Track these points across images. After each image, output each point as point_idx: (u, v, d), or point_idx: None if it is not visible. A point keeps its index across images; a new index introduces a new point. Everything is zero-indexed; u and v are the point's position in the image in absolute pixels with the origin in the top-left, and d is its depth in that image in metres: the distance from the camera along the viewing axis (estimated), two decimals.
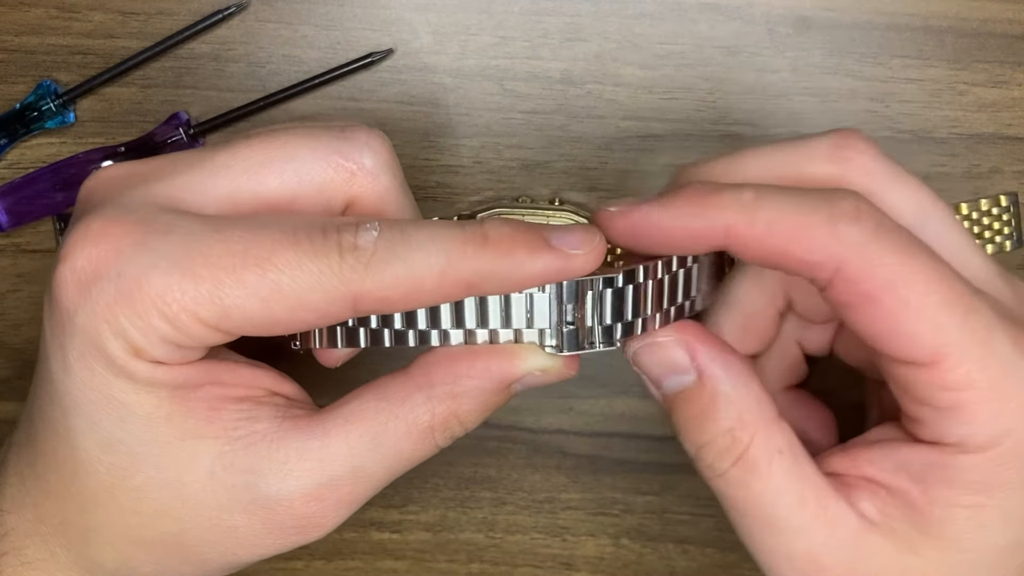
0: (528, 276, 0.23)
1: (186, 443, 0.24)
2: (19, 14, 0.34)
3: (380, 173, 0.25)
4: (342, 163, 0.25)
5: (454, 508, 0.37)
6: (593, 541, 0.37)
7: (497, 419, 0.36)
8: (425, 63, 0.35)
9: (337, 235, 0.22)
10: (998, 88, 0.35)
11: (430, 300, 0.23)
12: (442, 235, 0.23)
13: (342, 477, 0.24)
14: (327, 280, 0.22)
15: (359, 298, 0.22)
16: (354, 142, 0.25)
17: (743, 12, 0.34)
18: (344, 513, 0.25)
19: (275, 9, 0.34)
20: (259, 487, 0.24)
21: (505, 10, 0.34)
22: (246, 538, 0.24)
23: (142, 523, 0.24)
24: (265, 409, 0.24)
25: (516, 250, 0.23)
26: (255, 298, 0.22)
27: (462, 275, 0.22)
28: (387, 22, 0.34)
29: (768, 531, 0.24)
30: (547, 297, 0.24)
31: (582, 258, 0.23)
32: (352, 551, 0.37)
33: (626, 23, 0.35)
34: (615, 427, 0.36)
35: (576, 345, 0.24)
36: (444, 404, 0.25)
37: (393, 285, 0.22)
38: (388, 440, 0.24)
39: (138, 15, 0.34)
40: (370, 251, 0.22)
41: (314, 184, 0.24)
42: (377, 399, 0.24)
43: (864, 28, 0.35)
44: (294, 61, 0.34)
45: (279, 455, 0.24)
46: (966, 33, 0.35)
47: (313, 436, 0.24)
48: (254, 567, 0.36)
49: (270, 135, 0.25)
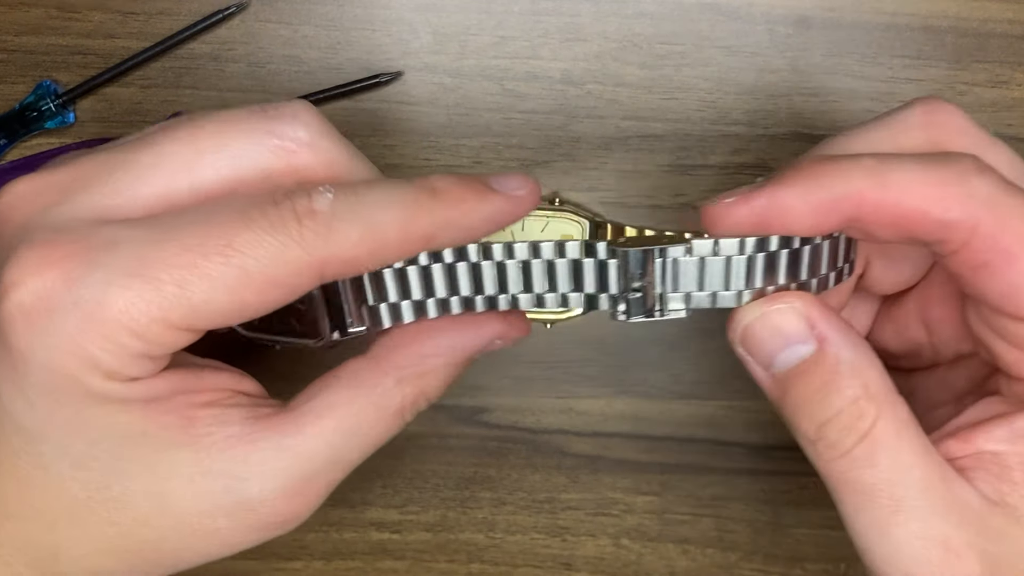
0: (481, 221, 0.23)
1: (163, 455, 0.23)
2: (19, 14, 0.34)
3: (318, 142, 0.24)
4: (277, 143, 0.24)
5: (454, 508, 0.37)
6: (593, 541, 0.37)
7: (497, 419, 0.36)
8: (425, 63, 0.35)
9: (290, 202, 0.22)
10: (998, 88, 0.35)
11: (394, 257, 0.23)
12: (396, 191, 0.23)
13: (320, 470, 0.24)
14: (291, 251, 0.22)
15: (326, 264, 0.22)
16: (282, 118, 0.24)
17: (743, 12, 0.34)
18: (321, 500, 0.25)
19: (275, 9, 0.34)
20: (240, 490, 0.23)
21: (505, 10, 0.34)
22: (228, 538, 0.24)
23: (120, 533, 0.24)
24: (234, 411, 0.24)
25: (466, 197, 0.23)
26: (222, 288, 0.21)
27: (421, 227, 0.23)
28: (387, 22, 0.34)
29: (894, 515, 0.23)
30: (616, 264, 0.24)
31: (525, 198, 0.24)
32: (352, 551, 0.37)
33: (626, 23, 0.35)
34: (615, 427, 0.37)
35: (644, 312, 0.24)
36: (412, 385, 0.25)
37: (357, 245, 0.22)
38: (362, 428, 0.24)
39: (138, 15, 0.34)
40: (329, 214, 0.22)
41: (254, 170, 0.24)
42: (348, 388, 0.24)
43: (864, 28, 0.35)
44: (294, 61, 0.34)
45: (256, 456, 0.23)
46: (966, 33, 0.35)
47: (287, 434, 0.24)
48: (254, 568, 0.36)
49: (195, 127, 0.24)
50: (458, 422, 0.36)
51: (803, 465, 0.37)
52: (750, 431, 0.37)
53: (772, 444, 0.37)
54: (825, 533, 0.37)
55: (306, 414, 0.24)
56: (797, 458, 0.37)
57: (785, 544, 0.37)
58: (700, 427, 0.37)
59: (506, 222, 0.24)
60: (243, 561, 0.36)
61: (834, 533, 0.37)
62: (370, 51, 0.34)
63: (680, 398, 0.36)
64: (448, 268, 0.24)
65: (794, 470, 0.37)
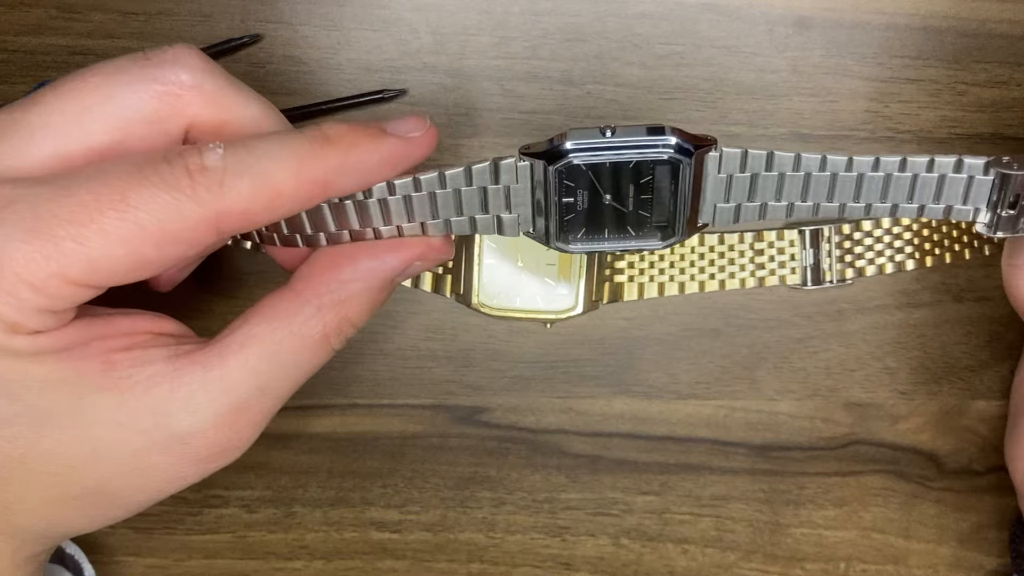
0: (376, 164, 0.24)
1: (86, 400, 0.23)
2: (19, 14, 0.34)
3: (203, 83, 0.24)
4: (160, 89, 0.24)
5: (454, 508, 0.37)
6: (593, 541, 0.37)
7: (497, 419, 0.36)
8: (425, 63, 0.35)
9: (182, 160, 0.22)
10: (997, 88, 0.35)
11: (289, 207, 0.23)
12: (287, 141, 0.23)
13: (248, 400, 0.24)
14: (185, 206, 0.22)
15: (221, 217, 0.22)
16: (163, 63, 0.24)
17: (743, 12, 0.34)
18: (257, 430, 0.25)
19: (275, 9, 0.34)
20: (170, 425, 0.24)
21: (505, 10, 0.34)
22: (168, 473, 0.24)
23: (60, 482, 0.24)
24: (155, 351, 0.24)
25: (359, 142, 0.23)
26: (119, 243, 0.22)
27: (316, 175, 0.23)
28: (387, 22, 0.34)
29: None
30: (989, 180, 0.25)
31: (421, 140, 0.24)
32: (352, 551, 0.37)
33: (626, 23, 0.35)
34: (615, 427, 0.37)
35: (1013, 229, 0.25)
36: (333, 312, 0.25)
37: (252, 198, 0.22)
38: (286, 356, 0.25)
39: (138, 15, 0.34)
40: (220, 169, 0.22)
41: (142, 119, 0.24)
42: (268, 319, 0.25)
43: (864, 28, 0.35)
44: (294, 61, 0.34)
45: (182, 391, 0.24)
46: (966, 33, 0.35)
47: (212, 367, 0.24)
48: (254, 567, 0.36)
49: (78, 81, 0.24)
50: (458, 422, 0.36)
51: (802, 465, 0.37)
52: (750, 431, 0.37)
53: (771, 444, 0.37)
54: (824, 533, 0.37)
55: (229, 346, 0.24)
56: (796, 458, 0.37)
57: (784, 544, 0.37)
58: (700, 427, 0.37)
59: (404, 165, 0.24)
60: (243, 561, 0.36)
61: (833, 533, 0.37)
62: (370, 51, 0.34)
63: (680, 398, 0.36)
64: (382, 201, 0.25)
65: (793, 470, 0.37)
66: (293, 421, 0.36)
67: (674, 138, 0.24)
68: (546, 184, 0.24)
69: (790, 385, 0.36)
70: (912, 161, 0.25)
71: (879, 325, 0.36)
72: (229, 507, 0.36)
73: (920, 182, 0.25)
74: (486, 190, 0.25)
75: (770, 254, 0.36)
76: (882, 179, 0.25)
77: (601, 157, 0.24)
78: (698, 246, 0.35)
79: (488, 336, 0.36)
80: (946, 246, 0.35)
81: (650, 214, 0.26)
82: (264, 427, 0.25)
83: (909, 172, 0.25)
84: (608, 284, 0.35)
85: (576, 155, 0.24)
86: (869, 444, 0.37)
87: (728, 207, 0.26)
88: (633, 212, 0.26)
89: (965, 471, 0.37)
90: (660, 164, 0.24)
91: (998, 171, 0.25)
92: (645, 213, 0.26)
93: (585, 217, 0.26)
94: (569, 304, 0.35)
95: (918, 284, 0.36)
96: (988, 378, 0.37)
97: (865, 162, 0.25)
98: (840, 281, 0.36)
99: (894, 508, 0.37)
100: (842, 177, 0.25)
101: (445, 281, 0.35)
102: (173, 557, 0.36)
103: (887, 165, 0.25)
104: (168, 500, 0.36)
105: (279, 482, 0.36)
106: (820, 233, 0.36)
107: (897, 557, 0.37)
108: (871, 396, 0.37)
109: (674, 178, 0.25)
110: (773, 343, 0.36)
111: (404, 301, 0.36)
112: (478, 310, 0.35)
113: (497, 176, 0.25)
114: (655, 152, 0.24)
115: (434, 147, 0.25)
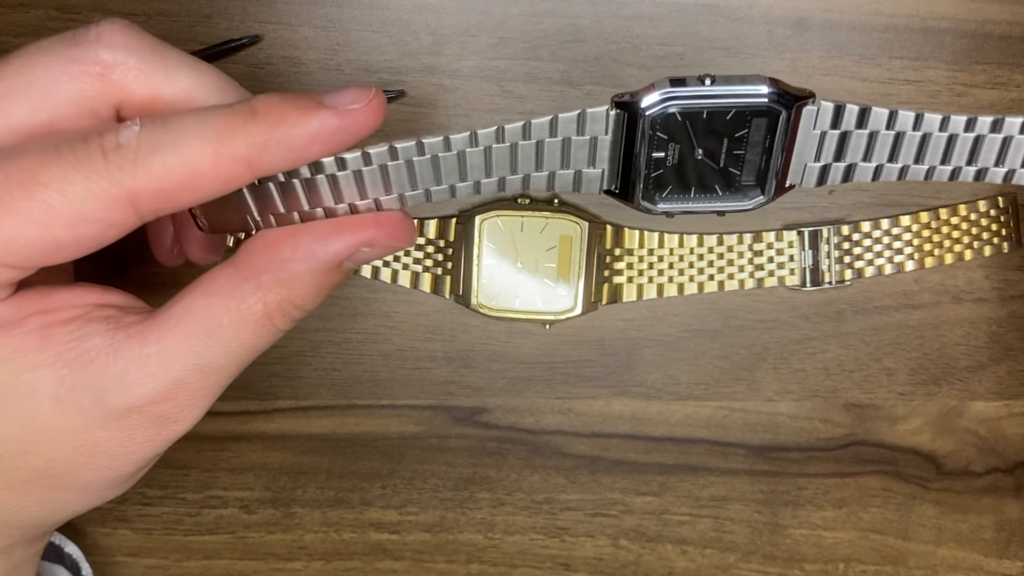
0: (305, 138, 0.22)
1: (22, 378, 0.23)
2: (19, 15, 0.34)
3: (127, 59, 0.24)
4: (83, 69, 0.23)
5: (453, 509, 0.37)
6: (592, 542, 0.37)
7: (496, 420, 0.36)
8: (424, 64, 0.35)
9: (99, 139, 0.22)
10: (996, 89, 0.35)
11: (211, 185, 0.22)
12: (208, 116, 0.22)
13: (187, 376, 0.24)
14: (97, 185, 0.22)
15: (135, 197, 0.22)
16: (86, 43, 0.24)
17: (742, 13, 0.34)
18: (202, 405, 0.24)
19: (274, 11, 0.34)
20: (107, 402, 0.23)
21: (504, 11, 0.34)
22: (113, 450, 0.24)
23: (9, 467, 0.24)
24: (96, 324, 0.24)
25: (288, 115, 0.22)
26: (30, 223, 0.21)
27: (238, 151, 0.22)
28: (386, 23, 0.34)
29: None
30: None
31: (359, 112, 0.22)
32: (351, 552, 0.37)
33: (625, 24, 0.35)
34: (614, 428, 0.37)
35: None
36: (274, 291, 0.24)
37: (166, 175, 0.22)
38: (225, 334, 0.24)
39: (137, 16, 0.34)
40: (135, 147, 0.22)
41: (68, 100, 0.24)
42: (207, 294, 0.24)
43: (863, 29, 0.35)
44: (293, 62, 0.34)
45: (117, 367, 0.23)
46: (964, 34, 0.35)
47: (148, 341, 0.23)
48: (253, 568, 0.36)
49: (4, 64, 0.24)
50: (457, 423, 0.36)
51: (801, 466, 0.37)
52: (749, 432, 0.37)
53: (770, 445, 0.37)
54: (823, 534, 0.37)
55: (167, 320, 0.24)
56: (795, 459, 0.37)
57: (783, 545, 0.37)
58: (699, 428, 0.37)
59: (341, 140, 0.23)
60: (242, 562, 0.36)
61: (832, 534, 0.37)
62: (369, 52, 0.34)
63: (679, 399, 0.36)
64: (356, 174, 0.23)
65: (792, 471, 0.37)
66: (292, 422, 0.36)
67: (773, 88, 0.23)
68: (639, 135, 0.23)
69: (789, 386, 0.36)
70: (1010, 122, 0.24)
71: (878, 326, 0.36)
72: (228, 508, 0.36)
73: (1015, 144, 0.24)
74: (570, 140, 0.23)
75: (769, 255, 0.36)
76: (972, 140, 0.24)
77: (699, 104, 0.23)
78: (697, 247, 0.35)
79: (487, 337, 0.36)
80: (945, 247, 0.35)
81: (740, 171, 0.25)
82: (210, 403, 0.24)
83: (1003, 133, 0.24)
84: (607, 285, 0.35)
85: (672, 103, 0.23)
86: (868, 445, 0.37)
87: (815, 167, 0.25)
88: (723, 169, 0.25)
89: (964, 472, 0.37)
90: (758, 116, 0.23)
91: None
92: (735, 170, 0.25)
93: (674, 174, 0.25)
94: (568, 305, 0.35)
95: (917, 285, 0.36)
96: (987, 379, 0.37)
97: (959, 121, 0.24)
98: (839, 282, 0.36)
99: (893, 509, 0.37)
100: (935, 137, 0.24)
101: (444, 282, 0.35)
102: (173, 557, 0.36)
103: (982, 125, 0.24)
104: (167, 501, 0.36)
105: (278, 483, 0.36)
106: (819, 234, 0.36)
107: (896, 558, 0.37)
108: (870, 397, 0.37)
109: (771, 131, 0.24)
110: (772, 344, 0.36)
111: (404, 302, 0.36)
112: (477, 311, 0.35)
113: (583, 126, 0.23)
114: (755, 100, 0.23)
115: (379, 121, 0.23)
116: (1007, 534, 0.37)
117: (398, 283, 0.35)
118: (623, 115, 0.23)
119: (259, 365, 0.36)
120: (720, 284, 0.36)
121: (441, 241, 0.35)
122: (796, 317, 0.36)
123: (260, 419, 0.36)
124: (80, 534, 0.36)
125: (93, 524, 0.36)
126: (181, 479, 0.36)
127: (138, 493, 0.36)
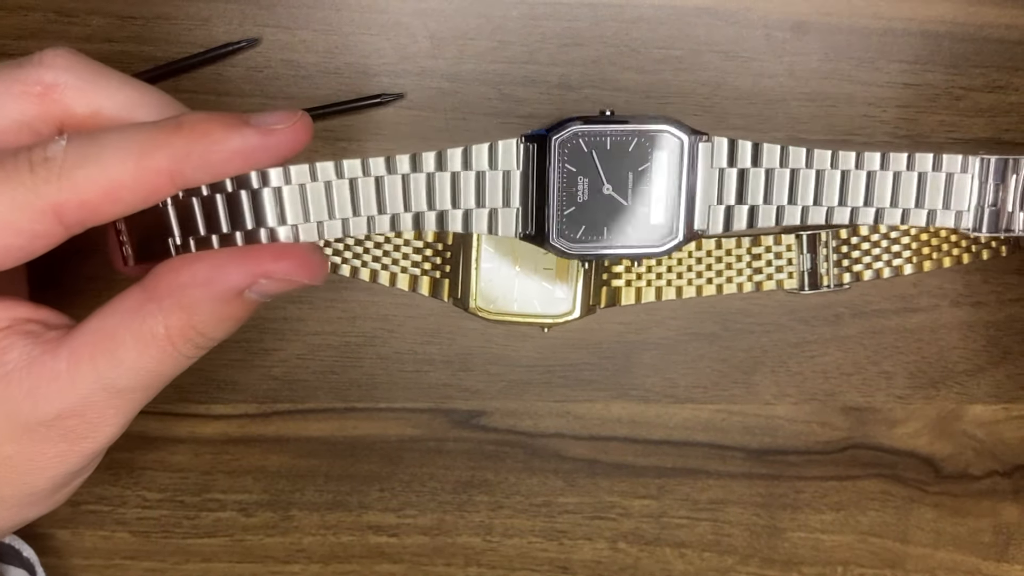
0: (227, 153, 0.23)
1: None
2: (18, 18, 0.34)
3: (67, 79, 0.24)
4: (24, 89, 0.24)
5: (451, 512, 0.37)
6: (590, 545, 0.37)
7: (494, 423, 0.36)
8: (423, 67, 0.35)
9: (28, 153, 0.22)
10: (995, 93, 0.35)
11: (133, 197, 0.23)
12: (133, 131, 0.23)
13: (92, 396, 0.24)
14: (22, 197, 0.22)
15: (60, 209, 0.22)
16: (29, 66, 0.24)
17: (740, 17, 0.35)
18: (113, 424, 0.24)
19: (273, 13, 0.34)
20: (17, 416, 0.23)
21: (503, 15, 0.34)
22: (24, 464, 0.24)
23: None
24: (16, 339, 0.24)
25: (211, 130, 0.22)
26: None
27: (160, 164, 0.22)
28: (385, 26, 0.34)
29: None
30: (969, 176, 0.24)
31: (284, 132, 0.23)
32: (349, 554, 0.37)
33: (624, 27, 0.35)
34: (612, 431, 0.37)
35: (995, 227, 0.24)
36: (175, 315, 0.24)
37: (88, 188, 0.22)
38: (127, 355, 0.24)
39: (136, 19, 0.34)
40: (60, 160, 0.22)
41: (11, 121, 0.24)
42: (112, 315, 0.24)
43: (861, 33, 0.35)
44: (292, 65, 0.34)
45: (28, 382, 0.23)
46: (963, 38, 0.35)
47: (60, 357, 0.24)
48: (251, 570, 0.36)
49: None
50: (455, 426, 0.36)
51: (799, 469, 0.37)
52: (747, 435, 0.37)
53: (769, 448, 0.37)
54: (821, 537, 0.37)
55: (79, 336, 0.24)
56: (793, 462, 0.37)
57: (782, 548, 0.37)
58: (697, 431, 0.37)
59: (263, 158, 0.23)
60: (240, 565, 0.36)
61: (830, 537, 0.37)
62: (368, 55, 0.34)
63: (677, 402, 0.36)
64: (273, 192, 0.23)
65: (791, 474, 0.37)
66: (290, 425, 0.36)
67: (672, 123, 0.25)
68: (549, 166, 0.24)
69: (787, 389, 0.36)
70: (896, 157, 0.25)
71: (876, 329, 0.36)
72: (226, 511, 0.36)
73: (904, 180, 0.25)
74: (484, 176, 0.24)
75: (767, 259, 0.36)
76: (865, 177, 0.25)
77: (603, 130, 0.25)
78: (695, 250, 0.35)
79: (486, 340, 0.36)
80: (944, 251, 0.35)
81: (649, 209, 0.26)
82: (123, 423, 0.24)
83: (916, 171, 0.25)
84: (606, 288, 0.35)
85: (579, 129, 0.25)
86: (866, 448, 0.37)
87: (720, 208, 0.26)
88: (632, 207, 0.26)
89: (962, 475, 0.37)
90: (658, 150, 0.25)
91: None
92: (644, 208, 0.26)
93: (586, 211, 0.26)
94: (567, 308, 0.35)
95: (915, 289, 0.36)
96: (985, 383, 0.37)
97: (849, 157, 0.25)
98: (837, 286, 0.36)
99: (891, 512, 0.37)
100: (829, 173, 0.25)
101: (443, 285, 0.35)
102: (171, 561, 0.36)
103: (871, 161, 0.25)
104: (166, 504, 0.36)
105: (276, 486, 0.36)
106: (817, 238, 0.36)
107: (894, 561, 0.37)
108: (868, 400, 0.37)
109: (672, 167, 0.25)
110: (770, 347, 0.36)
111: (402, 305, 0.36)
112: (476, 314, 0.35)
113: (495, 159, 0.24)
114: (653, 127, 0.25)
115: (304, 143, 0.23)
116: (1005, 537, 0.37)
117: (397, 286, 0.35)
118: (533, 147, 0.24)
119: (257, 368, 0.36)
120: (718, 287, 0.36)
121: (440, 244, 0.35)
122: (794, 320, 0.36)
123: (258, 422, 0.36)
124: (78, 537, 0.36)
125: (91, 527, 0.36)
126: (179, 482, 0.36)
127: (137, 496, 0.36)
